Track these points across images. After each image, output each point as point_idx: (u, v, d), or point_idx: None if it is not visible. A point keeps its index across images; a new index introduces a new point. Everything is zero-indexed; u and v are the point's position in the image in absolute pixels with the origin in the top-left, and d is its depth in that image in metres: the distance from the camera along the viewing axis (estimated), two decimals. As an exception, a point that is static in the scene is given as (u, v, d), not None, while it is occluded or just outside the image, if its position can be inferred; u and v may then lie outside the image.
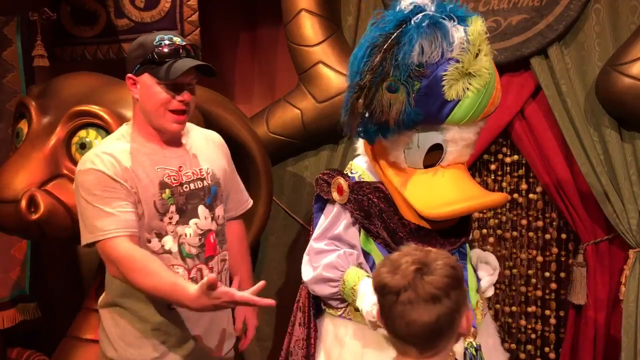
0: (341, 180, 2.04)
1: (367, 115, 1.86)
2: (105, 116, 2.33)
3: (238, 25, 3.28)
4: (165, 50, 1.82)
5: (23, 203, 2.26)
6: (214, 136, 2.08)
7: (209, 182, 1.96)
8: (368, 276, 1.97)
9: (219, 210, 2.00)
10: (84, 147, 2.36)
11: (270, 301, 1.73)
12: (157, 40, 1.83)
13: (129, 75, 1.87)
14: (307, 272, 2.11)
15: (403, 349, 1.36)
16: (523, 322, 2.81)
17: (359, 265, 2.04)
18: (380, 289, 1.35)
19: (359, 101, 1.85)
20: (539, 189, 2.73)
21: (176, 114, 1.85)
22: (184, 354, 1.95)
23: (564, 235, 2.73)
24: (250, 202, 2.23)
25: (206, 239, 1.95)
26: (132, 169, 1.84)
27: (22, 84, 2.82)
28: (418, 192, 1.96)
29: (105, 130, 2.34)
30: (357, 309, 1.99)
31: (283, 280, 3.04)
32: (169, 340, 1.93)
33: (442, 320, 1.31)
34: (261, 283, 1.75)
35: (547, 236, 2.74)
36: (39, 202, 2.27)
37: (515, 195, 2.74)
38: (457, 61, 1.83)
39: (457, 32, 1.84)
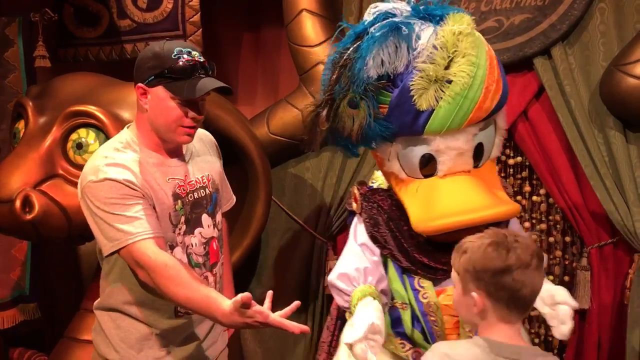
0: (355, 190, 2.04)
1: (331, 131, 1.85)
2: (102, 116, 2.33)
3: (240, 26, 3.28)
4: (184, 66, 1.76)
5: (17, 203, 2.26)
6: (206, 135, 2.04)
7: (210, 189, 1.94)
8: (374, 297, 1.87)
9: (219, 216, 1.99)
10: (80, 147, 2.35)
11: (305, 328, 1.67)
12: (175, 53, 1.77)
13: (141, 85, 1.80)
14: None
15: (510, 317, 1.48)
16: (526, 326, 2.77)
17: (379, 289, 1.94)
18: (507, 269, 1.44)
19: (319, 118, 1.85)
20: (542, 191, 2.69)
21: (188, 128, 1.82)
22: (185, 354, 1.95)
23: (568, 239, 2.69)
24: (234, 199, 2.18)
25: (210, 247, 1.94)
26: (146, 181, 1.80)
27: (24, 85, 2.84)
28: (414, 204, 1.89)
29: (102, 130, 2.34)
30: None
31: (284, 282, 3.02)
32: (172, 342, 1.92)
33: None
34: (296, 303, 1.67)
35: (551, 239, 2.70)
36: (33, 202, 2.27)
37: (519, 198, 2.70)
38: (423, 70, 1.76)
39: (424, 37, 1.76)
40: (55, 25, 3.04)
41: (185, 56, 1.77)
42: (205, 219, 1.92)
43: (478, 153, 1.91)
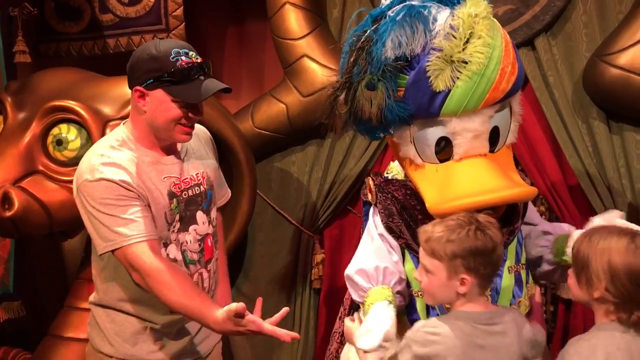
0: (370, 181, 2.04)
1: (351, 115, 1.85)
2: (82, 112, 2.31)
3: (224, 20, 3.25)
4: (184, 68, 1.75)
5: (-4, 200, 2.24)
6: (201, 131, 2.04)
7: (205, 186, 1.94)
8: (390, 302, 1.87)
9: (214, 213, 1.99)
10: (60, 143, 2.33)
11: (295, 335, 1.75)
12: (172, 55, 1.76)
13: (139, 88, 1.79)
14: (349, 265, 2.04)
15: (485, 289, 1.70)
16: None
17: (395, 290, 1.93)
18: (494, 248, 1.63)
19: (338, 101, 1.87)
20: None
21: (186, 127, 1.82)
22: (179, 348, 1.95)
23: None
24: (229, 193, 2.20)
25: (204, 243, 1.94)
26: (141, 181, 1.79)
27: (4, 81, 2.79)
28: (430, 188, 1.88)
29: (82, 126, 2.31)
30: None
31: (272, 276, 3.01)
32: (166, 336, 1.93)
33: None
34: (285, 310, 1.75)
35: (536, 230, 2.71)
36: (12, 199, 2.25)
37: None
38: (440, 50, 1.76)
39: (440, 19, 1.77)
40: (36, 20, 3.01)
41: (183, 58, 1.76)
42: (200, 216, 1.92)
43: (494, 137, 1.89)
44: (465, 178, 1.84)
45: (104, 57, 3.03)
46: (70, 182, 2.29)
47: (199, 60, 1.80)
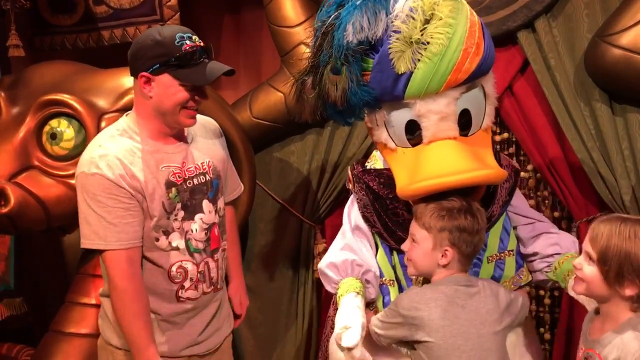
0: (349, 170, 2.12)
1: (319, 99, 1.88)
2: (76, 105, 2.29)
3: (220, 8, 3.21)
4: (189, 52, 1.80)
5: (-8, 196, 2.23)
6: (210, 123, 2.08)
7: (211, 175, 1.96)
8: (358, 293, 1.96)
9: (221, 202, 2.01)
10: (54, 137, 2.32)
11: None
12: (177, 40, 1.80)
13: (144, 74, 1.81)
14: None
15: (465, 267, 1.86)
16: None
17: (363, 280, 2.02)
18: (478, 231, 1.82)
19: (305, 86, 1.91)
20: (530, 167, 2.67)
21: (192, 110, 1.86)
22: (188, 340, 1.97)
23: (556, 214, 2.67)
24: (242, 187, 2.24)
25: (211, 232, 1.96)
26: (137, 171, 1.82)
27: (-2, 75, 2.77)
28: (401, 171, 1.90)
29: (77, 119, 2.29)
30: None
31: (273, 267, 3.00)
32: (175, 327, 1.95)
33: None
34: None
35: (540, 215, 2.68)
36: (8, 195, 2.23)
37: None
38: (399, 32, 1.76)
39: (400, 2, 1.77)
40: (30, 13, 2.98)
41: (187, 42, 1.80)
42: (206, 204, 1.94)
43: (465, 120, 1.88)
44: (432, 160, 1.84)
45: (99, 49, 3.00)
46: (66, 176, 2.31)
47: (202, 44, 1.84)
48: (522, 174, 2.66)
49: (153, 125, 1.88)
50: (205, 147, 1.98)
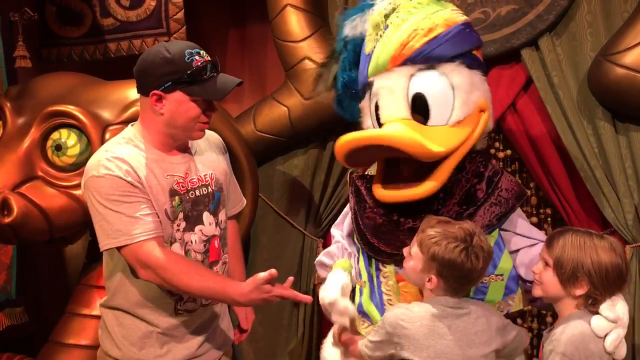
0: (348, 176, 2.22)
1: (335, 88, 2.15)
2: (81, 116, 2.30)
3: (225, 23, 3.24)
4: (200, 68, 1.81)
5: (-5, 206, 2.24)
6: (214, 137, 2.09)
7: (213, 188, 1.96)
8: (345, 269, 2.09)
9: (222, 215, 2.01)
10: (59, 148, 2.32)
11: (308, 297, 1.88)
12: (186, 56, 1.80)
13: (156, 92, 1.82)
14: None
15: (454, 295, 1.82)
16: (519, 321, 2.73)
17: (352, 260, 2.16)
18: (471, 271, 1.78)
19: (320, 77, 2.23)
20: (532, 184, 2.66)
21: (204, 124, 1.88)
22: (187, 353, 1.96)
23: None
24: (244, 201, 2.24)
25: (210, 245, 1.95)
26: (144, 177, 1.83)
27: (5, 86, 2.79)
28: None
29: (81, 130, 2.30)
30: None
31: (275, 279, 2.98)
32: (173, 340, 1.94)
33: None
34: (290, 278, 1.88)
35: (542, 232, 2.67)
36: (12, 205, 2.24)
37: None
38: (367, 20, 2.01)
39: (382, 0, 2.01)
40: (38, 24, 3.02)
41: (196, 57, 1.82)
42: (207, 216, 1.94)
43: (422, 108, 1.94)
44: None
45: (105, 61, 3.03)
46: (70, 187, 2.32)
47: (209, 58, 1.86)
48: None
49: (159, 138, 1.89)
50: (208, 159, 1.99)
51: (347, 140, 1.94)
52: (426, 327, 1.77)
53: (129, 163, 1.82)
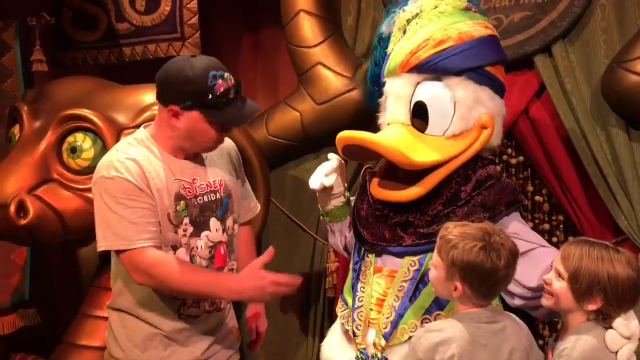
0: (362, 170, 2.24)
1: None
2: (96, 120, 2.32)
3: (239, 28, 3.26)
4: (222, 94, 1.78)
5: (12, 208, 2.26)
6: (226, 142, 2.07)
7: (221, 194, 1.96)
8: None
9: (230, 222, 2.00)
10: (74, 151, 2.35)
11: (298, 278, 1.89)
12: (210, 80, 1.77)
13: (174, 108, 1.81)
14: None
15: (484, 303, 1.72)
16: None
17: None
18: (496, 271, 1.67)
19: (360, 67, 2.34)
20: (544, 191, 2.65)
21: (217, 142, 1.90)
22: (190, 358, 1.95)
23: (571, 238, 2.63)
24: (259, 207, 2.24)
25: (216, 251, 1.95)
26: (151, 179, 1.83)
27: (21, 90, 2.83)
28: None
29: (97, 134, 2.32)
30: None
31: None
32: (176, 343, 1.93)
33: None
34: (297, 277, 1.90)
35: (554, 239, 2.65)
36: (28, 207, 2.27)
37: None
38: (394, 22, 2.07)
39: (412, 2, 2.06)
40: (54, 29, 3.05)
41: (220, 81, 1.78)
42: (214, 222, 1.93)
43: (420, 114, 2.01)
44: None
45: (120, 65, 3.05)
46: (85, 190, 2.34)
47: (233, 82, 1.82)
48: (536, 197, 2.65)
49: (170, 144, 1.89)
50: (218, 165, 1.99)
51: (342, 136, 2.05)
52: (462, 349, 1.66)
53: (139, 164, 1.82)
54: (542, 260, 1.96)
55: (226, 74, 1.82)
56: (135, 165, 1.82)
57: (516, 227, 2.01)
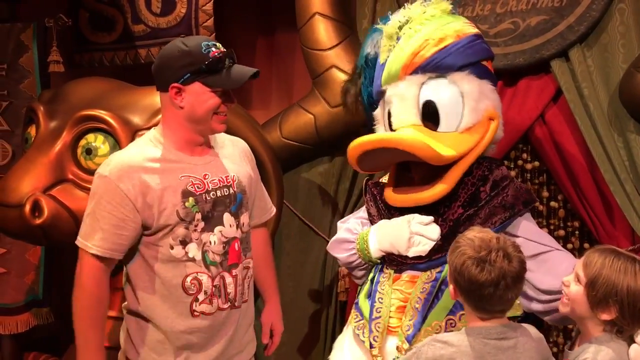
0: (364, 183, 2.25)
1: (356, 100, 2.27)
2: (111, 121, 2.34)
3: (254, 30, 3.27)
4: (217, 58, 1.84)
5: (27, 207, 2.28)
6: (240, 142, 2.10)
7: (235, 189, 1.96)
8: None
9: (244, 218, 2.00)
10: (89, 152, 2.36)
11: None
12: (203, 48, 1.83)
13: (175, 85, 1.85)
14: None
15: (483, 316, 1.68)
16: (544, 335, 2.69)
17: None
18: (478, 286, 1.62)
19: (349, 90, 2.32)
20: (560, 197, 2.62)
21: (222, 115, 1.90)
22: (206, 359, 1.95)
23: (587, 245, 2.60)
24: (274, 209, 2.25)
25: (230, 247, 1.94)
26: (151, 179, 1.84)
27: (38, 90, 2.86)
28: None
29: (112, 135, 2.34)
30: (369, 259, 2.10)
31: (298, 286, 3.00)
32: (192, 346, 1.93)
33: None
34: None
35: (569, 246, 2.62)
36: (42, 206, 2.28)
37: (536, 204, 2.63)
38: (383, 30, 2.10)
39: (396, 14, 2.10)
40: (71, 30, 3.08)
41: (213, 49, 1.84)
42: (227, 218, 1.94)
43: (432, 115, 2.01)
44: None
45: (135, 67, 3.07)
46: (99, 191, 2.34)
47: (225, 50, 1.88)
48: (552, 203, 2.63)
49: (180, 135, 1.90)
50: (231, 161, 2.00)
51: (360, 143, 2.01)
52: (470, 356, 1.63)
53: (134, 166, 1.85)
54: (557, 265, 1.95)
55: (218, 44, 1.88)
56: (132, 169, 1.84)
57: (531, 229, 2.04)
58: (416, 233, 1.97)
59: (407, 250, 1.97)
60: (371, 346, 1.97)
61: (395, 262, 2.03)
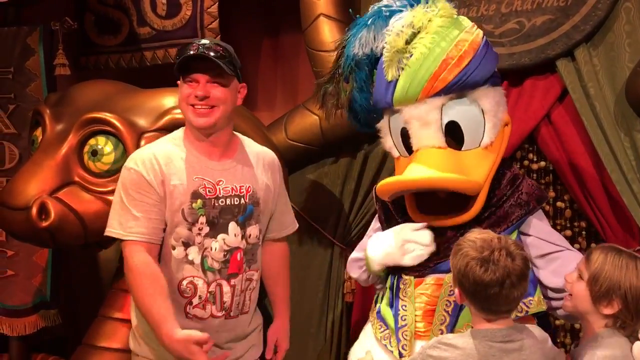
0: (374, 189, 2.15)
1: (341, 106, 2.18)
2: (117, 123, 2.34)
3: (259, 32, 3.27)
4: (184, 49, 1.89)
5: (34, 210, 2.29)
6: (267, 154, 2.10)
7: (247, 200, 1.97)
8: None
9: (252, 230, 2.00)
10: (95, 154, 2.38)
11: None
12: (192, 43, 1.90)
13: (177, 82, 1.95)
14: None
15: (489, 318, 1.67)
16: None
17: None
18: (484, 286, 1.62)
19: (326, 93, 2.21)
20: (567, 197, 2.61)
21: (198, 109, 1.89)
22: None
23: (593, 245, 2.60)
24: (296, 225, 2.25)
25: (232, 256, 1.95)
26: (169, 175, 1.89)
27: (44, 93, 2.88)
28: None
29: (117, 137, 2.34)
30: (377, 274, 2.11)
31: (304, 288, 3.00)
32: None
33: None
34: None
35: (577, 246, 2.60)
36: (49, 209, 2.29)
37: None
38: (388, 43, 1.97)
39: (397, 20, 1.97)
40: (77, 33, 3.09)
41: (196, 42, 1.90)
42: (233, 227, 1.94)
43: (455, 133, 1.97)
44: (410, 165, 1.95)
45: (141, 69, 3.08)
46: (105, 193, 2.37)
47: (203, 43, 1.91)
48: (558, 203, 2.62)
49: (194, 135, 1.95)
50: (250, 173, 2.00)
51: (392, 185, 1.96)
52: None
53: (159, 162, 1.89)
54: (567, 264, 1.96)
55: (205, 40, 1.94)
56: (154, 162, 1.89)
57: (543, 228, 2.07)
58: (407, 240, 1.97)
59: (402, 258, 1.97)
60: (400, 355, 1.95)
61: (414, 268, 2.01)
